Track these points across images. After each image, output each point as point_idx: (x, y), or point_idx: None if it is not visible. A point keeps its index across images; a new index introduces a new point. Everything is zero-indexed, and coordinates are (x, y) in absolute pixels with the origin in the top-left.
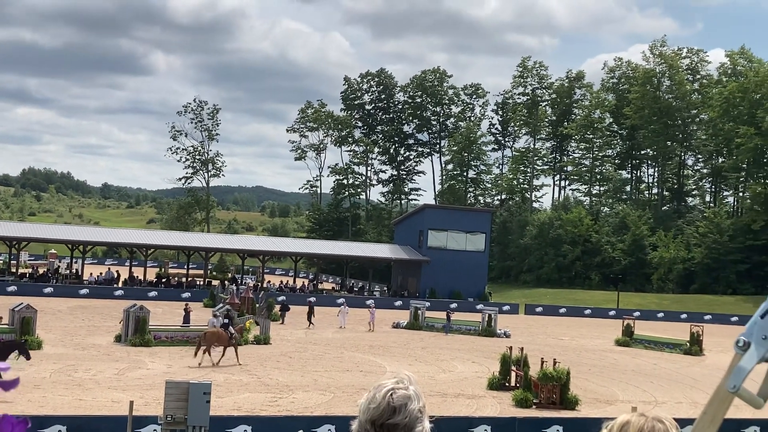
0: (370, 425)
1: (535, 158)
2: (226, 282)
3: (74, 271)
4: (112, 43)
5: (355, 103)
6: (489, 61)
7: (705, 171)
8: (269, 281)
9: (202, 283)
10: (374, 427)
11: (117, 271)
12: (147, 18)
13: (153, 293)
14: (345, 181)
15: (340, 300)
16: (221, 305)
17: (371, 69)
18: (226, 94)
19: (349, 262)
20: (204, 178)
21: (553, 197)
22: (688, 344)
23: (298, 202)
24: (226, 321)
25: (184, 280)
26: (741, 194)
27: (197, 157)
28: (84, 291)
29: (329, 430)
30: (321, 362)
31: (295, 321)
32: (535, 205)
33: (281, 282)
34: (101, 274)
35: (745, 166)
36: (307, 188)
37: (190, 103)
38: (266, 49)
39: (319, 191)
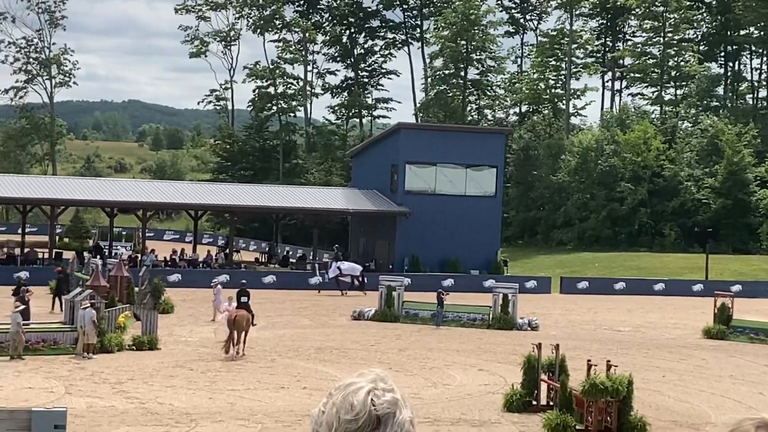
0: None
1: (574, 46)
2: (85, 253)
3: None
4: None
5: None
6: None
7: None
8: (153, 250)
9: (46, 255)
10: None
11: None
12: None
13: None
14: (271, 90)
15: (268, 278)
16: (80, 290)
17: None
18: None
19: (282, 218)
20: (45, 88)
21: (602, 107)
22: None
23: (198, 123)
24: (245, 299)
25: (17, 251)
26: None
27: (32, 55)
28: None
29: None
30: (241, 376)
31: (196, 311)
32: (574, 120)
33: (174, 251)
34: None
35: None
36: (210, 102)
37: None
38: None
39: (230, 107)
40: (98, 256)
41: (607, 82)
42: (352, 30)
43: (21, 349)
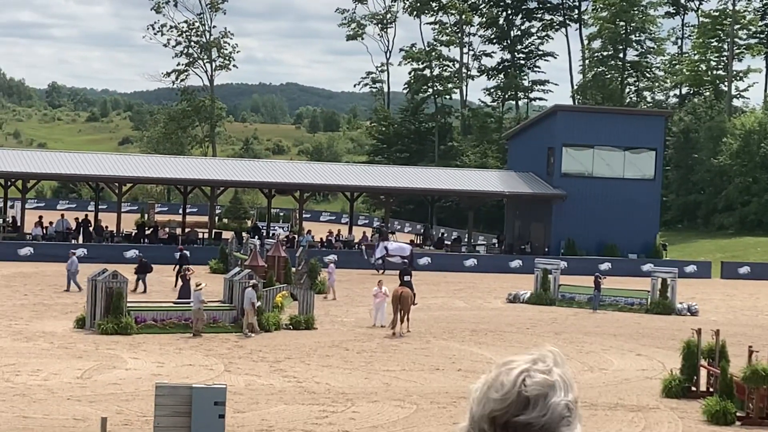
0: (489, 423)
1: (737, 27)
2: (244, 234)
3: (9, 219)
4: None
5: None
6: None
7: None
8: (310, 231)
9: (206, 235)
10: (494, 427)
11: (76, 219)
12: None
13: (132, 252)
14: (427, 72)
15: (423, 260)
16: (238, 270)
17: None
18: None
19: (437, 200)
20: (206, 72)
21: (766, 89)
22: None
23: (354, 106)
24: (407, 278)
25: (178, 231)
26: None
27: (194, 39)
28: (26, 251)
29: None
30: (396, 357)
31: (352, 292)
32: (736, 102)
33: (330, 233)
34: (51, 224)
35: None
36: (366, 85)
37: None
38: None
39: (386, 89)
40: (256, 237)
41: None
42: (509, 11)
43: (200, 326)
